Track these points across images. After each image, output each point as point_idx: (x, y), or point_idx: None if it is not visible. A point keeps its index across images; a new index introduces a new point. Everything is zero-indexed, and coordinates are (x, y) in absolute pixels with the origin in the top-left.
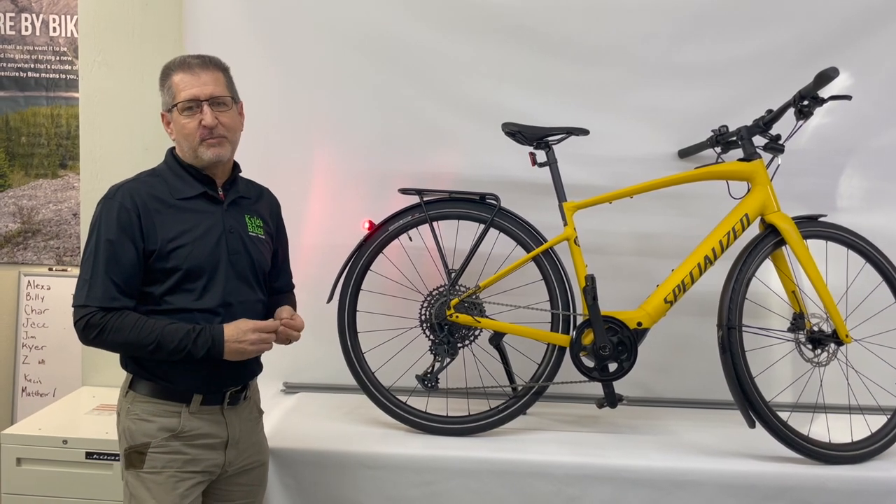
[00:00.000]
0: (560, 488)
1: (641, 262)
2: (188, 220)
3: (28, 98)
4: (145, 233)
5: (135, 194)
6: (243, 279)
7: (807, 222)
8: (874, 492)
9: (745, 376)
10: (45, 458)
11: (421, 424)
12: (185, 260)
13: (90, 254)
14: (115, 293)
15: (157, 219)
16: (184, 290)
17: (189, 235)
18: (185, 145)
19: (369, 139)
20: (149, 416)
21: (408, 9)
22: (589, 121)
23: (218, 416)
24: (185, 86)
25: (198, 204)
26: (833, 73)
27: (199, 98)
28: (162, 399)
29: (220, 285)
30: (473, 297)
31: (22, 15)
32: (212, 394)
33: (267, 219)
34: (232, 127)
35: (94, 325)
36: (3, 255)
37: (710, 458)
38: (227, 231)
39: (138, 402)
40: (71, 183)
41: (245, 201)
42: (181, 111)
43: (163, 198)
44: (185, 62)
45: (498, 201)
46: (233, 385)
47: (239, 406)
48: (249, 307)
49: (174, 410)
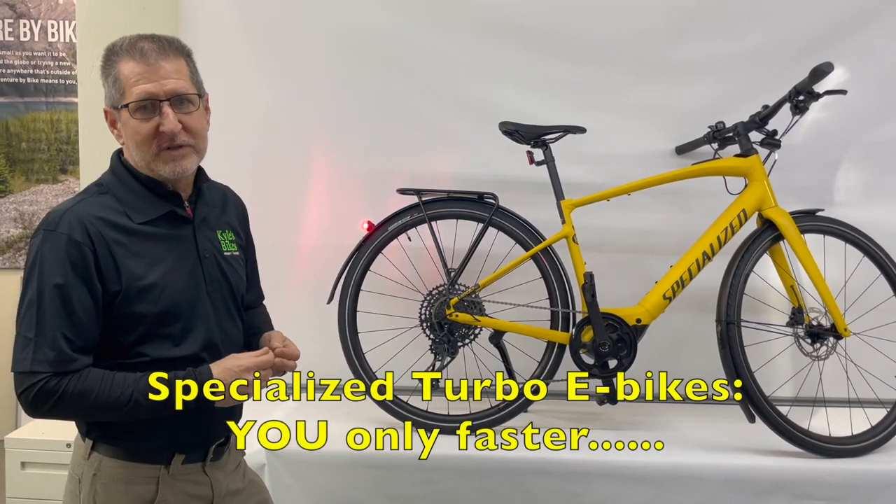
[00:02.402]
0: (561, 485)
1: (640, 259)
2: (155, 250)
3: (28, 103)
4: (104, 272)
5: (86, 222)
6: (225, 312)
7: (804, 217)
8: (874, 485)
9: (744, 371)
10: (49, 462)
11: (422, 423)
12: (158, 302)
13: (31, 303)
14: (69, 352)
15: (116, 252)
16: (159, 336)
17: (159, 269)
18: (136, 155)
19: (367, 140)
20: (119, 484)
21: (406, 8)
22: (586, 118)
23: (200, 475)
24: (138, 79)
25: (163, 227)
26: (828, 68)
27: (158, 97)
28: (135, 461)
29: (202, 325)
30: (473, 296)
31: (20, 21)
32: (195, 450)
33: (238, 229)
34: (199, 132)
35: (49, 394)
36: (5, 261)
37: (711, 454)
38: (202, 256)
39: (106, 466)
40: (72, 188)
41: (213, 213)
42: (133, 112)
43: (120, 223)
44: (136, 47)
45: (496, 200)
46: (219, 436)
47: (222, 459)
48: (232, 343)
49: (150, 476)
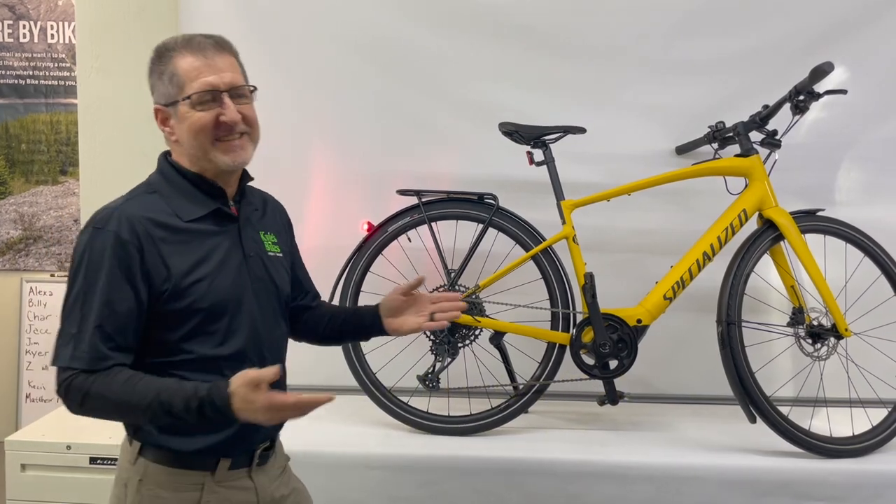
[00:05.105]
0: (562, 486)
1: (640, 260)
2: (202, 247)
3: (27, 105)
4: (151, 271)
5: (134, 222)
6: (270, 311)
7: (805, 217)
8: (876, 485)
9: (745, 371)
10: (49, 464)
11: (423, 424)
12: (205, 297)
13: (76, 299)
14: (105, 350)
15: (164, 250)
16: (205, 333)
17: (206, 266)
18: (193, 146)
19: (367, 140)
20: (166, 491)
21: (405, 9)
22: (586, 119)
23: (245, 481)
24: (198, 73)
25: (209, 225)
26: (828, 68)
27: (218, 88)
28: (182, 468)
29: (247, 323)
30: (473, 297)
31: (20, 22)
32: (241, 455)
33: (281, 232)
34: (254, 122)
35: (78, 390)
36: (5, 262)
37: (712, 454)
38: (247, 255)
39: (152, 472)
40: (72, 189)
41: (255, 215)
42: (194, 104)
43: (168, 222)
44: (194, 42)
45: (496, 201)
46: (263, 441)
47: (267, 464)
48: (276, 345)
49: (196, 482)
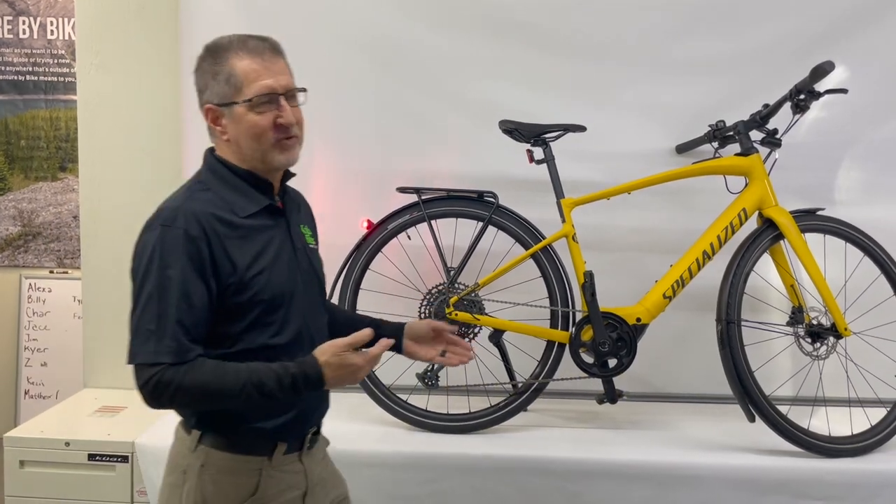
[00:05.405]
0: (561, 485)
1: (640, 258)
2: (259, 242)
3: (27, 101)
4: (219, 265)
5: (200, 218)
6: (316, 302)
7: (805, 216)
8: (874, 484)
9: (744, 370)
10: (48, 461)
11: (422, 422)
12: (265, 289)
13: (152, 296)
14: (187, 343)
15: (228, 245)
16: (264, 324)
17: (264, 259)
18: (252, 147)
19: (367, 138)
20: (227, 476)
21: (405, 8)
22: (586, 117)
23: (297, 464)
24: (257, 75)
25: (263, 220)
26: (829, 67)
27: (277, 91)
28: (243, 454)
29: (299, 314)
30: (472, 295)
31: (19, 18)
32: (295, 439)
33: (313, 225)
34: (303, 123)
35: (167, 384)
36: (4, 259)
37: (711, 453)
38: (296, 248)
39: (214, 458)
40: (71, 185)
41: (296, 209)
42: (253, 107)
43: (227, 218)
44: (250, 45)
45: (496, 199)
46: (313, 426)
47: (315, 447)
48: (321, 332)
49: (255, 468)
